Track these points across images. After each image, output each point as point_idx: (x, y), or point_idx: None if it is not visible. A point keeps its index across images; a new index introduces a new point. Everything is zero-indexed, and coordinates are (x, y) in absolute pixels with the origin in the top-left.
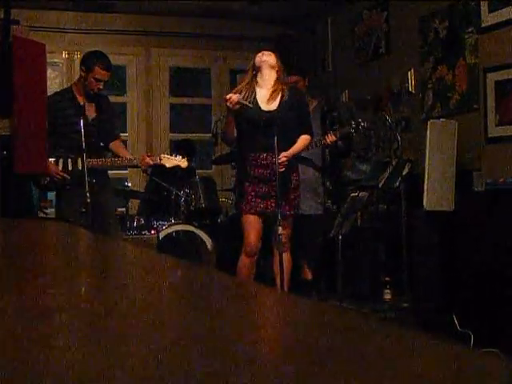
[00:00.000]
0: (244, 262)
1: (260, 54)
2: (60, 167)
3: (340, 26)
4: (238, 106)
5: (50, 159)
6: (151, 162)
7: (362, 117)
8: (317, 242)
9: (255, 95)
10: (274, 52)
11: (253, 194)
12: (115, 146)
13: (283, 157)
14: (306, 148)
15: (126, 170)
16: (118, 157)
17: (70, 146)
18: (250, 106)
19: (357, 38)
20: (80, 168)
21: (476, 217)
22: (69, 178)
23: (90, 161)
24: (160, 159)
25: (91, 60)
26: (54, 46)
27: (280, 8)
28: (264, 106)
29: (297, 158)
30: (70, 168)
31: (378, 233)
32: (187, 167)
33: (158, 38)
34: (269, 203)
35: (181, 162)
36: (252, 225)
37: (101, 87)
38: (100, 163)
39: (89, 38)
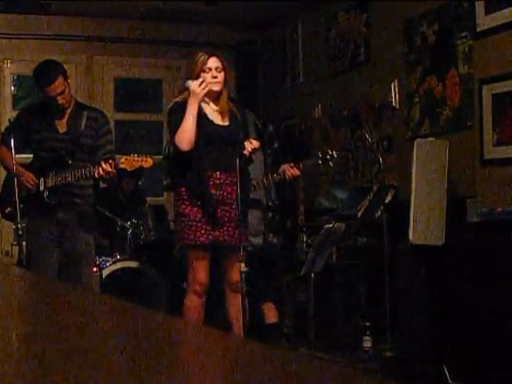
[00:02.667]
0: (193, 302)
1: (209, 78)
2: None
3: (312, 29)
4: (204, 92)
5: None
6: (109, 169)
7: (338, 136)
8: (281, 280)
9: (203, 109)
10: (223, 65)
11: (203, 220)
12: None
13: (254, 145)
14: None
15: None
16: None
17: (36, 166)
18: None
19: (332, 44)
20: (41, 189)
21: (470, 252)
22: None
23: (47, 179)
24: (120, 163)
25: None
26: None
27: (241, 9)
28: (218, 122)
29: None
30: (33, 191)
31: (357, 270)
32: (150, 168)
33: (102, 44)
34: (222, 231)
35: (143, 161)
36: (201, 259)
37: (59, 102)
38: (58, 180)
39: (21, 44)
